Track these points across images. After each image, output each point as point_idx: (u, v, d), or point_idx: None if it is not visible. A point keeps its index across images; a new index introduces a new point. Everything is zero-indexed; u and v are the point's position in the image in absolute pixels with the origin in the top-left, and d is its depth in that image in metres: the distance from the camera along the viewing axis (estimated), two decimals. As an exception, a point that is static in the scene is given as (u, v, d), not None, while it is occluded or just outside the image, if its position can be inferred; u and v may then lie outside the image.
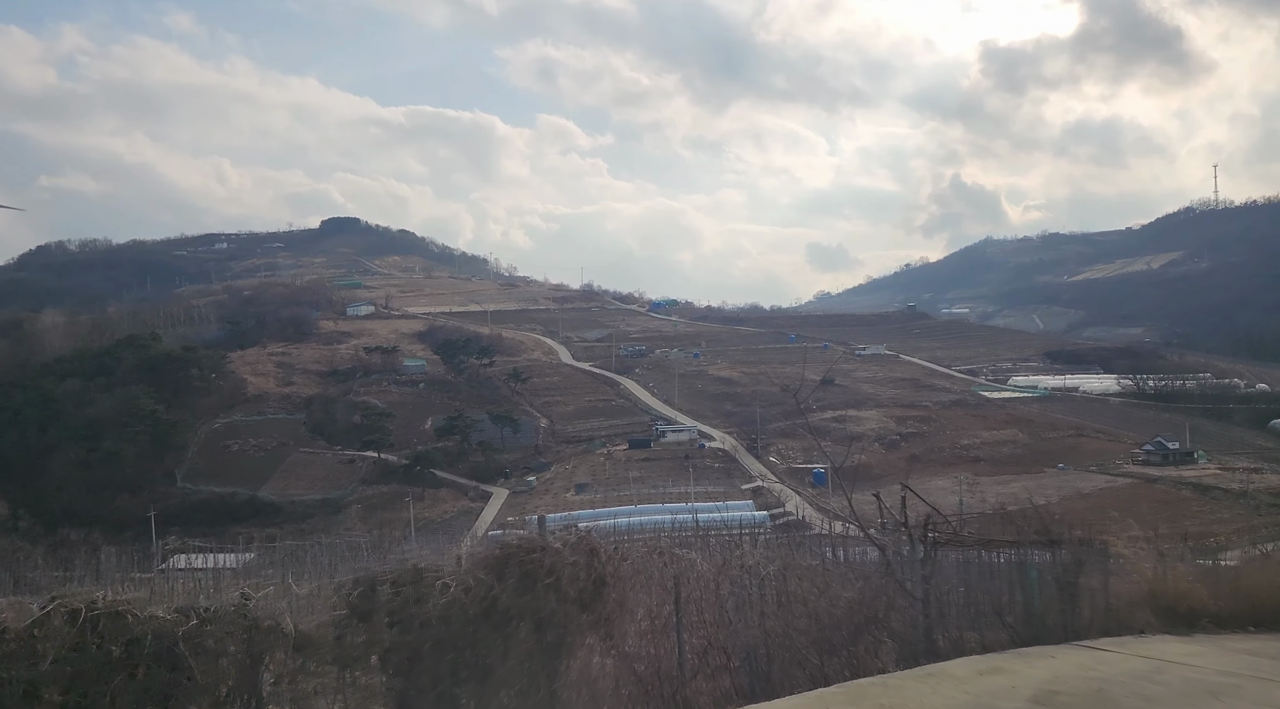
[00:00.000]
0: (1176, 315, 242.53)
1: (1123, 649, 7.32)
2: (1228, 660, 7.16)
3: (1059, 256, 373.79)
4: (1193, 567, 9.74)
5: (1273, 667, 6.95)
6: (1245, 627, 9.25)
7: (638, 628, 6.89)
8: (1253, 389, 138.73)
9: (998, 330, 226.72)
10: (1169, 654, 7.23)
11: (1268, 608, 9.62)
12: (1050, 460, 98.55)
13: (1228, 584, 9.43)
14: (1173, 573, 9.24)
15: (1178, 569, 9.48)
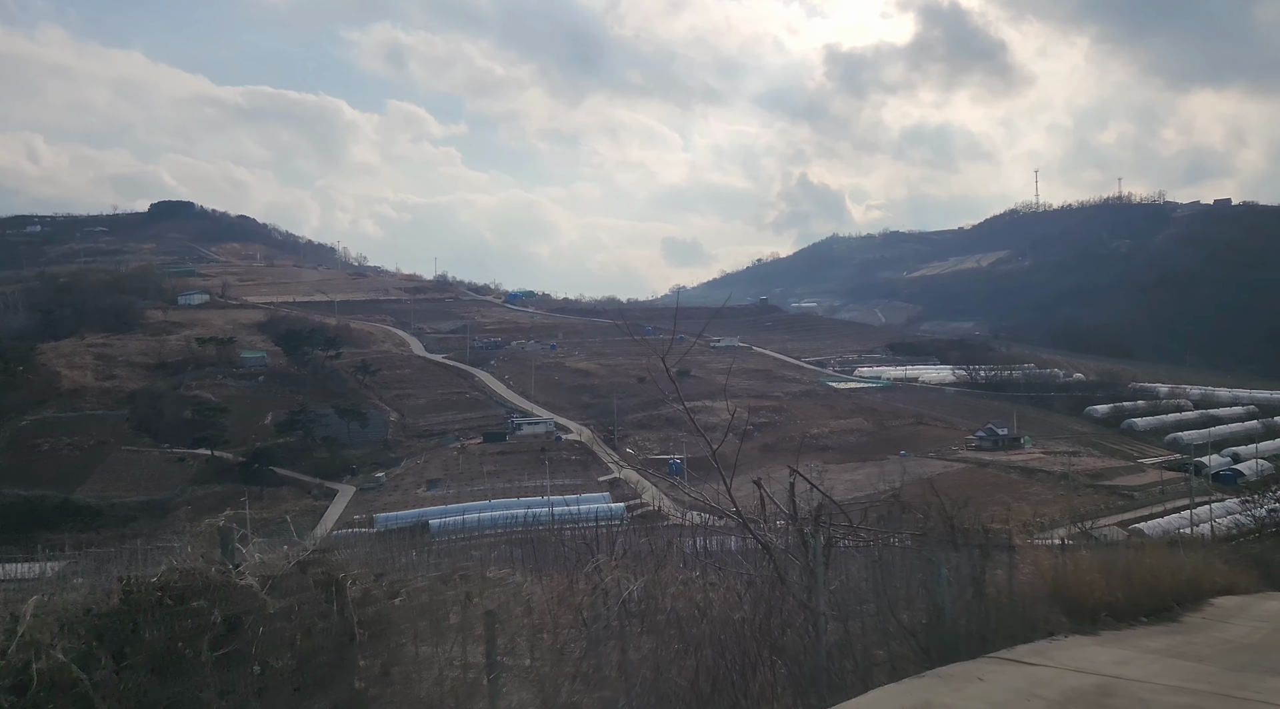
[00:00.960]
0: (1004, 310, 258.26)
1: (1048, 661, 6.48)
2: (1161, 669, 6.48)
3: (899, 254, 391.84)
4: (1092, 556, 9.14)
5: (1212, 676, 6.26)
6: (1138, 617, 8.68)
7: (421, 700, 4.83)
8: (1070, 378, 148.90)
9: (844, 324, 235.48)
10: (1098, 663, 6.46)
11: (1155, 596, 9.10)
12: (893, 447, 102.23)
13: (1120, 573, 8.86)
14: (1075, 564, 8.59)
15: (1081, 559, 8.83)
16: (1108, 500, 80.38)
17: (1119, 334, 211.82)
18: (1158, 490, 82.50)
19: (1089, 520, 61.68)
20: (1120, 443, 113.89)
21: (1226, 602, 10.79)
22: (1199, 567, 10.89)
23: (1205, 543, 12.87)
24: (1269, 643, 8.10)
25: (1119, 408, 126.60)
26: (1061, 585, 8.12)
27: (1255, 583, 13.55)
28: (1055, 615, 7.74)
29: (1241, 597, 11.60)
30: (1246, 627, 9.00)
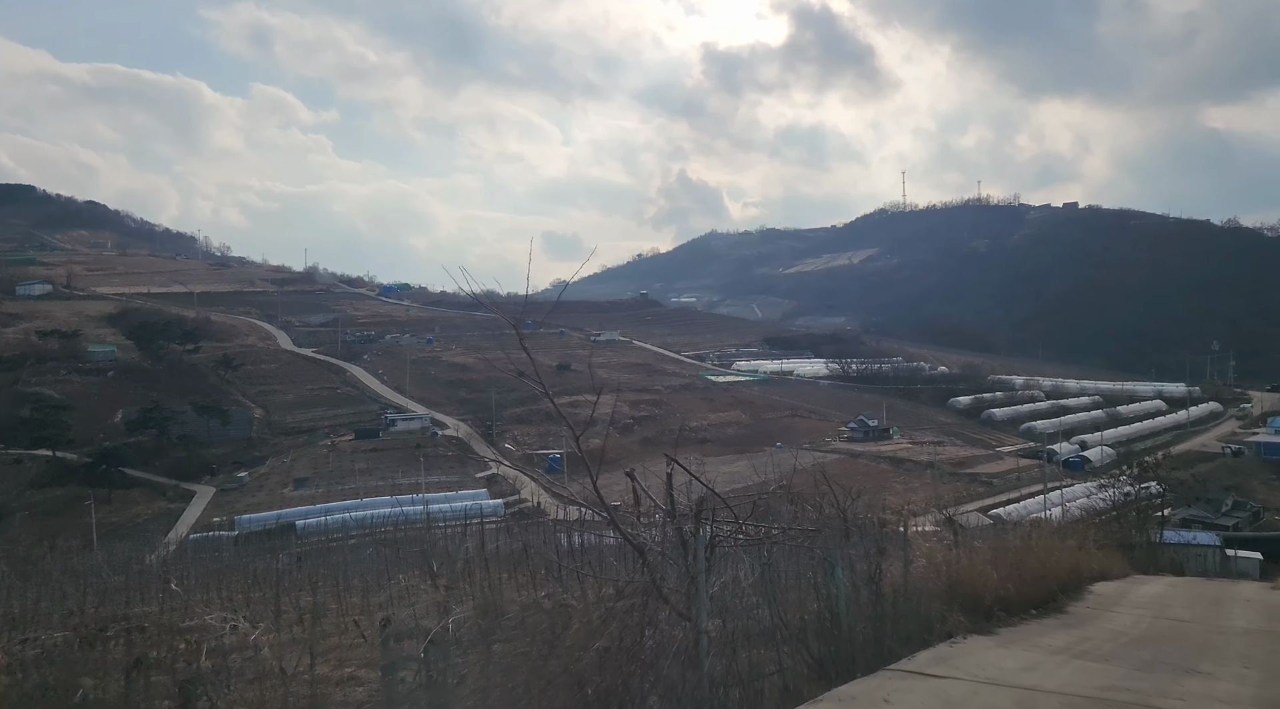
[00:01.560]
0: (874, 305, 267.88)
1: (955, 671, 5.96)
2: (1073, 675, 6.07)
3: (775, 251, 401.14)
4: (984, 548, 8.80)
5: (1126, 680, 5.86)
6: (1028, 609, 8.35)
7: None
8: (935, 371, 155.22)
9: (722, 318, 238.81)
10: (1007, 671, 5.99)
11: (1044, 587, 8.81)
12: (769, 440, 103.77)
13: (1010, 565, 8.53)
14: (970, 557, 8.19)
15: (975, 551, 8.45)
16: (969, 488, 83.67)
17: (979, 329, 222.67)
18: (1014, 477, 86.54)
19: (953, 507, 64.21)
20: (981, 432, 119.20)
21: (1104, 588, 10.74)
22: (1077, 554, 10.80)
23: (1078, 529, 12.97)
24: (1158, 633, 7.93)
25: (979, 399, 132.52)
26: (957, 581, 7.72)
27: (1123, 566, 13.73)
28: (953, 614, 7.31)
29: (1115, 582, 11.62)
30: (1130, 615, 8.85)
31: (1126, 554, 14.67)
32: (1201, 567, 47.53)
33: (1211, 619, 8.84)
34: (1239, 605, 9.74)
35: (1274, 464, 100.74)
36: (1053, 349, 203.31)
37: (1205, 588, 12.09)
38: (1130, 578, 12.53)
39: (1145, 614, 8.93)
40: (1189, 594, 10.78)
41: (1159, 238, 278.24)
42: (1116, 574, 12.22)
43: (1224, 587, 12.75)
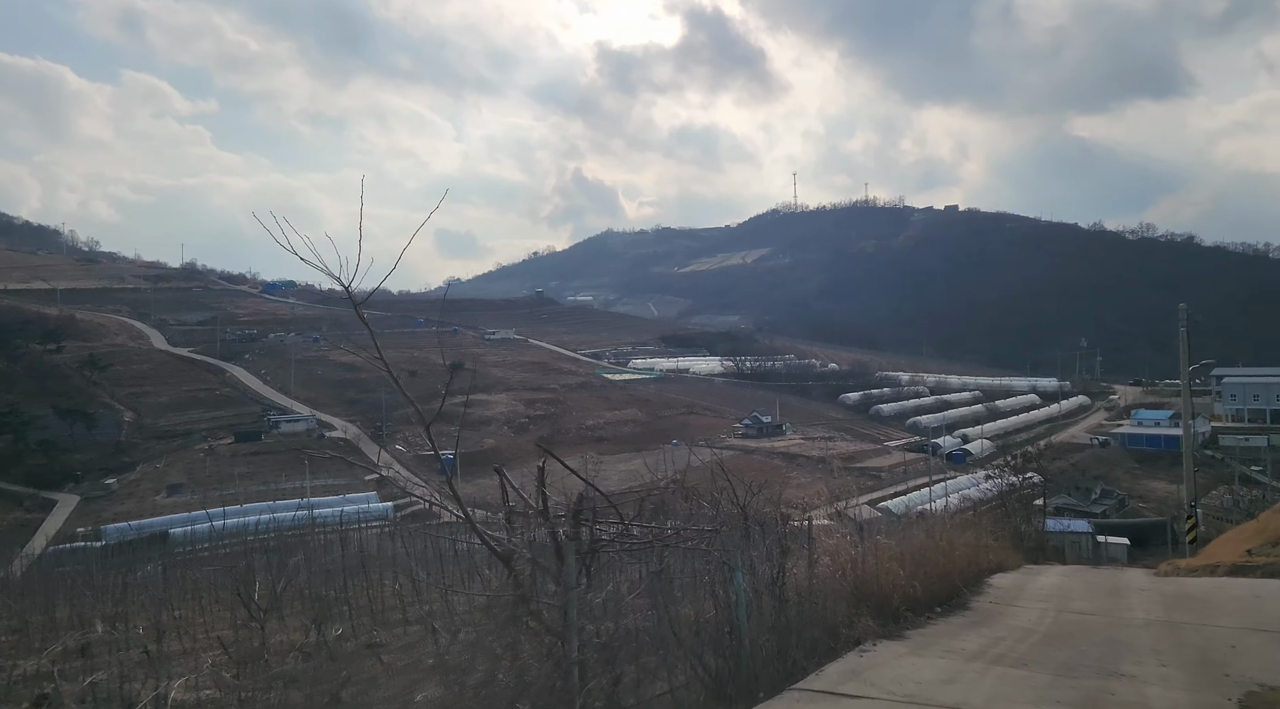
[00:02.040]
0: (767, 304, 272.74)
1: (870, 689, 5.40)
2: (996, 686, 5.59)
3: (670, 250, 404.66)
4: (889, 544, 8.36)
5: (1054, 690, 5.41)
6: (934, 607, 7.94)
7: None
8: (826, 368, 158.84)
9: (619, 316, 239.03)
10: (925, 685, 5.47)
11: (948, 583, 8.42)
12: (666, 437, 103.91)
13: (914, 561, 8.12)
14: (876, 554, 7.72)
15: (882, 548, 7.98)
16: (859, 481, 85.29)
17: (868, 326, 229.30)
18: (902, 470, 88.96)
19: (846, 501, 65.44)
20: (869, 427, 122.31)
21: (1002, 581, 10.53)
22: (976, 547, 10.57)
23: (975, 521, 12.87)
24: (1066, 629, 7.65)
25: (868, 395, 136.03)
26: (864, 581, 7.24)
27: (1016, 557, 13.70)
28: (861, 617, 6.82)
29: (1012, 573, 11.47)
30: (1034, 610, 8.59)
31: (1018, 544, 14.70)
32: (1077, 553, 49.65)
33: (1113, 611, 8.66)
34: (1134, 595, 9.66)
35: (1137, 454, 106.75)
36: (936, 346, 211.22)
37: (1097, 577, 12.10)
38: (1024, 569, 12.45)
39: (1048, 608, 8.69)
40: (1084, 584, 10.68)
41: (1032, 240, 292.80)
42: (1012, 565, 12.12)
43: (1114, 576, 12.85)
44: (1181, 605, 8.93)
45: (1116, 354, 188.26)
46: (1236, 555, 13.45)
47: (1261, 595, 9.40)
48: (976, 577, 9.68)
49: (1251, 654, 6.66)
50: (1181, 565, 13.84)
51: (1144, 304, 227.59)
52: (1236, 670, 6.04)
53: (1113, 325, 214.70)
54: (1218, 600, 9.18)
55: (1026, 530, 17.30)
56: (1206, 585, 10.54)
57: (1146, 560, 61.80)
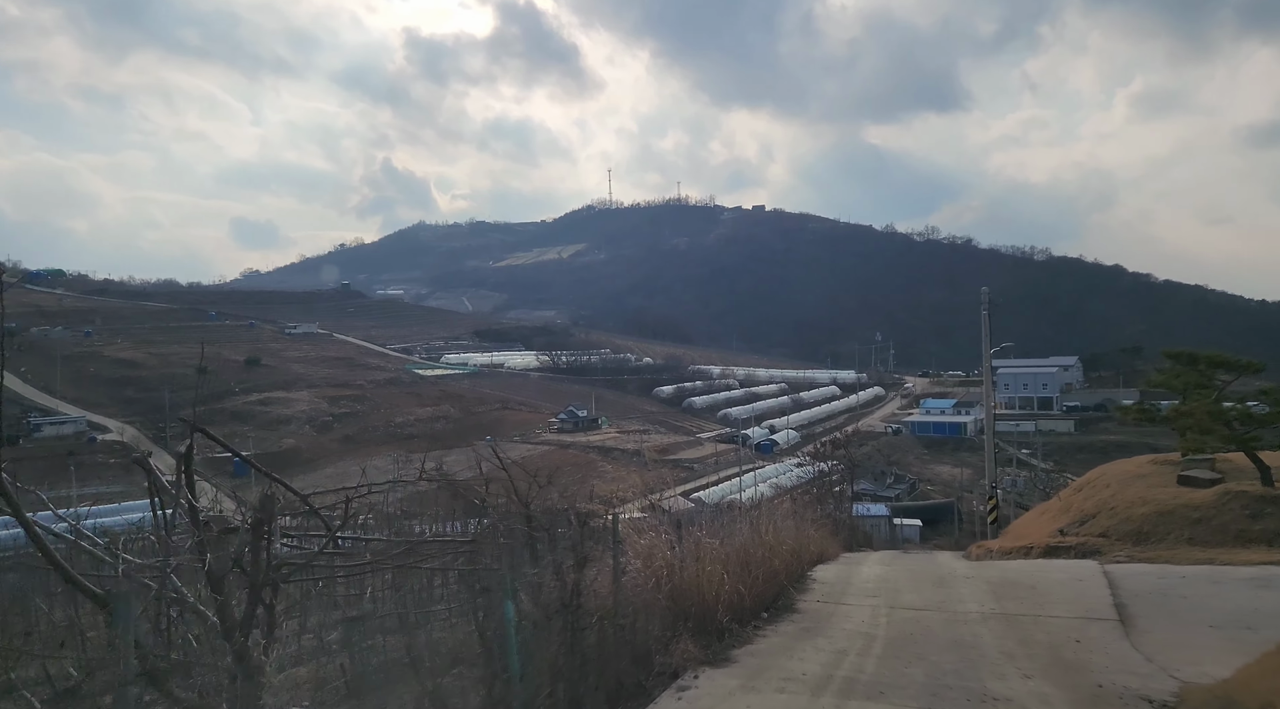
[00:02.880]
0: (583, 299, 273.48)
1: None
2: None
3: (485, 243, 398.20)
4: (710, 543, 7.28)
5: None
6: (759, 613, 6.92)
7: None
8: (641, 362, 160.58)
9: (431, 311, 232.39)
10: None
11: (774, 583, 7.44)
12: (480, 433, 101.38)
13: (739, 561, 7.10)
14: (697, 556, 6.60)
15: (704, 549, 6.86)
16: (674, 473, 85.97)
17: (680, 321, 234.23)
18: (713, 461, 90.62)
19: (658, 493, 65.74)
20: (682, 420, 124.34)
21: (825, 573, 9.83)
22: (799, 538, 9.80)
23: (796, 509, 12.28)
24: (906, 631, 6.91)
25: (681, 388, 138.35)
26: (684, 590, 6.14)
27: (834, 545, 13.19)
28: (679, 638, 5.69)
29: (832, 565, 10.83)
30: (865, 608, 7.85)
31: (835, 532, 14.25)
32: (878, 535, 51.80)
33: (945, 604, 8.10)
34: (961, 584, 9.22)
35: (925, 440, 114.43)
36: (745, 340, 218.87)
37: (916, 565, 11.74)
38: (843, 558, 11.94)
39: (879, 604, 8.00)
40: (906, 574, 10.20)
41: (832, 240, 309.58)
42: (831, 555, 11.55)
43: (931, 562, 12.62)
44: (1010, 593, 8.53)
45: (907, 348, 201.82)
46: (1046, 535, 13.58)
47: (1083, 578, 9.19)
48: (800, 570, 8.89)
49: (1103, 652, 6.21)
50: (994, 548, 13.85)
51: (930, 301, 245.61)
52: (1105, 677, 5.41)
53: (903, 321, 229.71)
54: (1044, 586, 8.86)
55: (841, 518, 17.07)
56: (1027, 569, 10.33)
57: (937, 540, 65.59)
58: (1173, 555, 10.87)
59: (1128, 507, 13.32)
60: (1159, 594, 8.34)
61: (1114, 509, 13.51)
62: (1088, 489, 16.03)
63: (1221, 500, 12.43)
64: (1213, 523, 11.96)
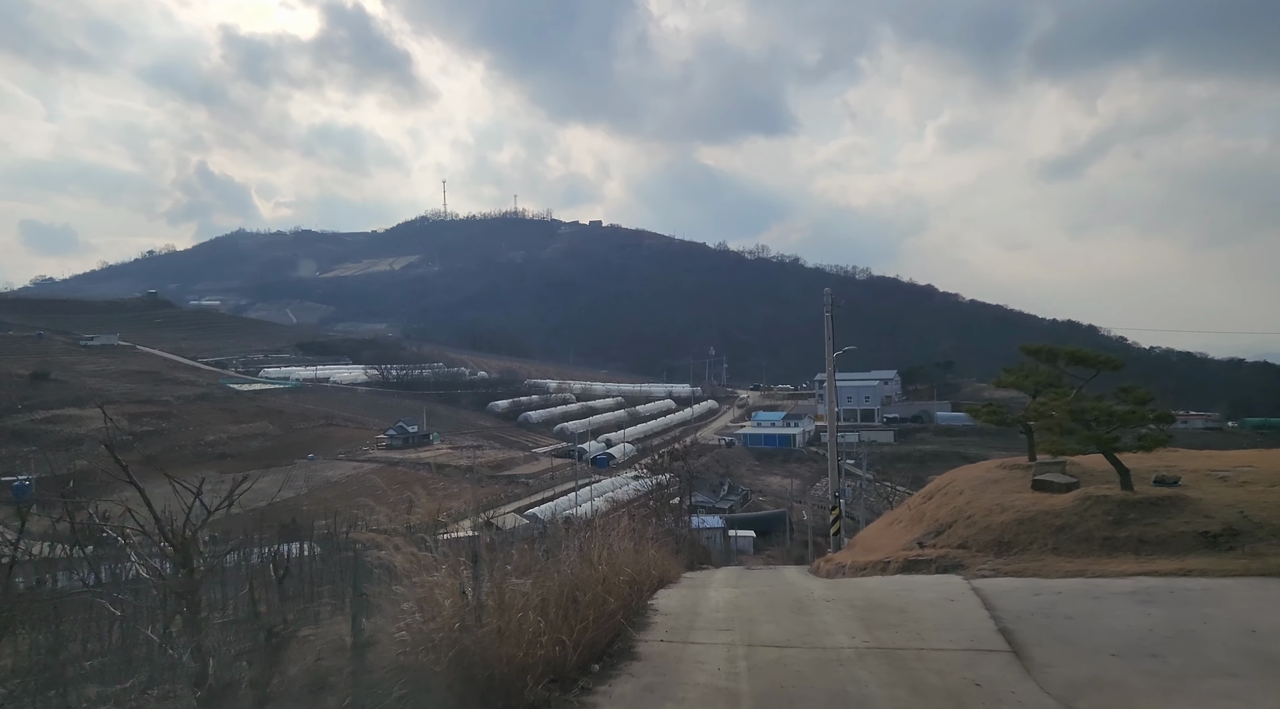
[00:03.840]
0: (416, 312, 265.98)
1: None
2: None
3: (312, 253, 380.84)
4: (526, 588, 5.60)
5: None
6: (589, 665, 5.38)
7: None
8: (476, 376, 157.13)
9: (251, 322, 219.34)
10: None
11: (608, 622, 5.92)
12: (302, 451, 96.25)
13: (562, 596, 5.54)
14: (498, 595, 4.96)
15: (507, 590, 5.19)
16: (507, 489, 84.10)
17: (517, 335, 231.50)
18: (549, 476, 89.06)
19: (492, 510, 63.43)
20: (518, 435, 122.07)
21: (667, 601, 8.47)
22: (638, 560, 8.39)
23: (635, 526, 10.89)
24: (778, 682, 5.56)
25: (517, 403, 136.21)
26: (477, 651, 4.44)
27: (674, 564, 11.90)
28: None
29: (675, 589, 9.50)
30: (720, 648, 6.52)
31: (675, 549, 12.98)
32: (714, 547, 51.58)
33: (809, 637, 6.89)
34: (822, 609, 8.06)
35: (756, 452, 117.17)
36: (582, 354, 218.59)
37: (768, 586, 10.60)
38: (685, 579, 10.67)
39: (735, 641, 6.68)
40: (759, 598, 9.00)
41: (667, 256, 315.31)
42: (673, 576, 10.24)
43: (780, 580, 11.57)
44: (881, 620, 7.43)
45: (740, 362, 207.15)
46: (900, 547, 12.83)
47: (954, 598, 8.26)
48: (640, 600, 7.50)
49: (1011, 699, 5.12)
50: (845, 562, 12.97)
51: (761, 316, 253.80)
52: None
53: (736, 336, 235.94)
54: (915, 609, 7.84)
55: (681, 533, 15.92)
56: (890, 588, 9.34)
57: (770, 550, 66.33)
58: (1040, 567, 10.29)
59: (985, 515, 12.75)
60: (1041, 615, 7.50)
61: (971, 518, 12.91)
62: (939, 496, 15.51)
63: (1083, 506, 11.98)
64: (1076, 531, 11.46)
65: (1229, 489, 12.85)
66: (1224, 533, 10.72)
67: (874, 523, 23.26)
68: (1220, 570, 9.23)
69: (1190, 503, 11.74)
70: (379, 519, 12.76)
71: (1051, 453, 15.81)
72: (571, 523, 12.07)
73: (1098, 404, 13.43)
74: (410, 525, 9.21)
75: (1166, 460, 14.80)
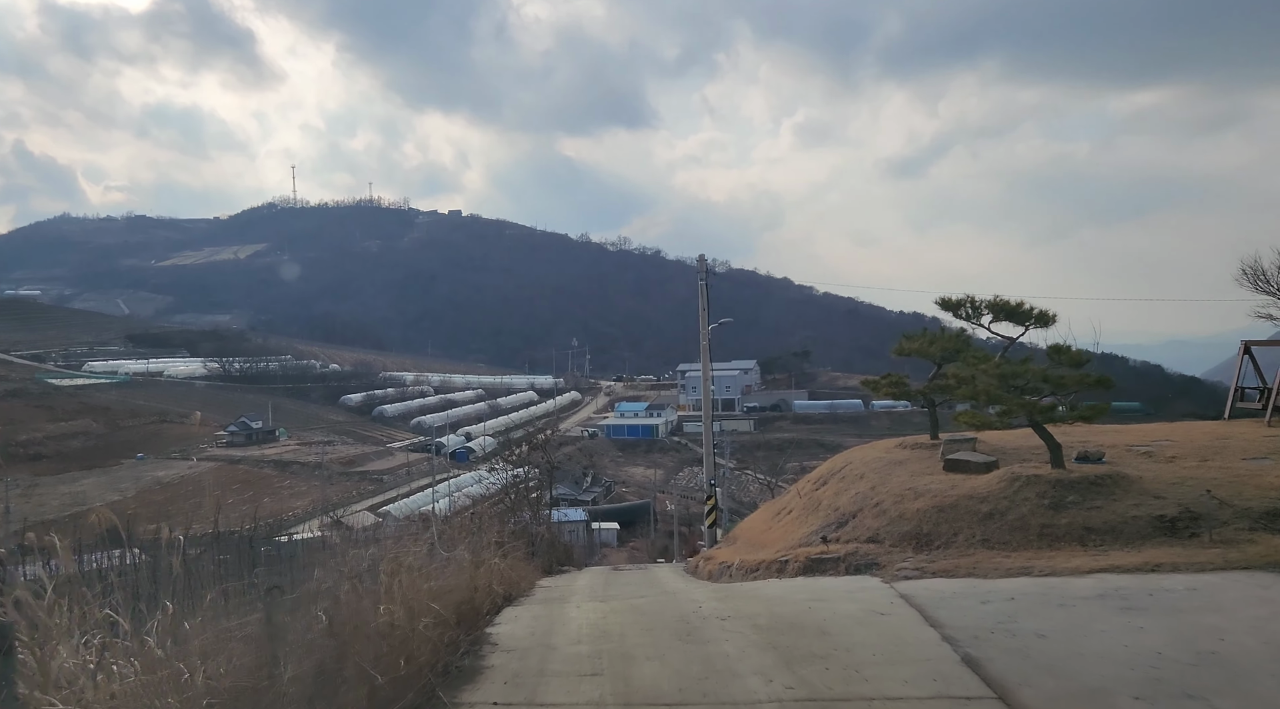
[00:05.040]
0: (263, 303, 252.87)
1: None
2: None
3: (147, 240, 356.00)
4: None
5: None
6: None
7: None
8: (328, 369, 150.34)
9: (76, 313, 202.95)
10: None
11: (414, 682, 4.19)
12: (130, 450, 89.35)
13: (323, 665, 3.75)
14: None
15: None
16: (360, 486, 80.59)
17: (372, 326, 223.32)
18: (404, 472, 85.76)
19: (341, 508, 59.98)
20: (372, 429, 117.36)
21: (513, 627, 6.78)
22: (474, 572, 6.68)
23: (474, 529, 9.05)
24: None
25: (371, 396, 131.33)
26: None
27: (528, 570, 10.22)
28: None
29: (527, 606, 7.81)
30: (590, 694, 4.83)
31: (531, 550, 11.29)
32: (576, 541, 50.04)
33: (710, 683, 5.08)
34: (715, 631, 6.47)
35: (620, 443, 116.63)
36: (441, 346, 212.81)
37: (642, 596, 9.00)
38: (539, 589, 9.03)
39: (607, 697, 4.92)
40: (633, 616, 7.36)
41: (529, 246, 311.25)
42: (524, 587, 8.57)
43: (655, 587, 9.98)
44: (801, 649, 5.79)
45: (602, 353, 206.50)
46: (796, 542, 11.39)
47: (884, 610, 6.83)
48: (474, 628, 5.80)
49: None
50: (730, 561, 11.45)
51: (624, 308, 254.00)
52: None
53: (598, 328, 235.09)
54: (839, 629, 6.29)
55: (538, 531, 14.28)
56: (797, 597, 7.83)
57: (634, 541, 65.18)
58: (974, 564, 8.81)
59: (897, 501, 11.15)
60: (1005, 632, 6.07)
61: (880, 505, 11.30)
62: (835, 481, 13.92)
63: (1011, 489, 10.52)
64: (1008, 517, 9.96)
65: (1164, 466, 11.81)
66: (1182, 517, 9.51)
67: (755, 513, 21.74)
68: (1193, 564, 8.01)
69: (1133, 482, 10.51)
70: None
71: (975, 427, 13.86)
72: (352, 535, 9.82)
73: (1030, 367, 11.98)
74: (218, 531, 7.18)
75: (1074, 435, 13.56)
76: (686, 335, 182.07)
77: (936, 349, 16.06)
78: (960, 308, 14.86)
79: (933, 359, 16.55)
